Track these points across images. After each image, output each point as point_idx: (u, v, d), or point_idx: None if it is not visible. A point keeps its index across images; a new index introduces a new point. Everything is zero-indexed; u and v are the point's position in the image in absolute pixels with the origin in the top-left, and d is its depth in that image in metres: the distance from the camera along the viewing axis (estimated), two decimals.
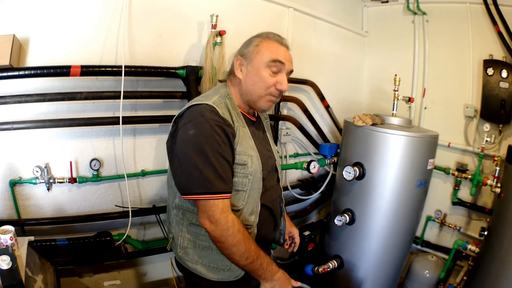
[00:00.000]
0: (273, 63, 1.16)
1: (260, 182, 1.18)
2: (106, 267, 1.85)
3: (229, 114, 1.14)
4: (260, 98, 1.19)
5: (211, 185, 1.04)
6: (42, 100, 1.47)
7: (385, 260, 1.89)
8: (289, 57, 1.22)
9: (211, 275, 1.17)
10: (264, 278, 1.15)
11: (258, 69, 1.17)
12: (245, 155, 1.13)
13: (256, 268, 1.12)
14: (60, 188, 1.64)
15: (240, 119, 1.19)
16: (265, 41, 1.20)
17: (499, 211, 2.03)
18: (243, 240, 1.08)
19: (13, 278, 0.94)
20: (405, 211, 1.83)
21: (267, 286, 1.16)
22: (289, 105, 2.41)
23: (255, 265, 1.11)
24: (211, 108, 1.09)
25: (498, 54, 2.30)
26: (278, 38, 1.22)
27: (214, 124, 1.06)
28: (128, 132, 1.76)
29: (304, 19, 2.43)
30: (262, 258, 1.13)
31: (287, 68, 1.20)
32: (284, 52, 1.20)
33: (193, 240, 1.19)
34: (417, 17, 2.63)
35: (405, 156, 1.74)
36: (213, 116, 1.07)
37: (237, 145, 1.12)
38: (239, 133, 1.14)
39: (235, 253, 1.08)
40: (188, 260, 1.21)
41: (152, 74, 1.73)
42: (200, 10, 1.85)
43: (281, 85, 1.17)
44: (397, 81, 1.93)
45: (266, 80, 1.16)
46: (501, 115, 2.25)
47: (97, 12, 1.60)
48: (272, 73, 1.17)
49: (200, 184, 1.04)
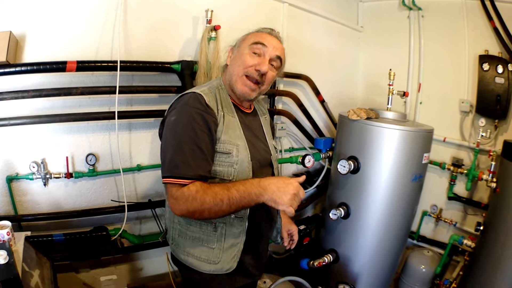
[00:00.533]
0: (255, 44, 1.19)
1: (249, 172, 1.17)
2: (103, 262, 1.86)
3: (216, 103, 1.15)
4: (238, 79, 1.20)
5: (176, 169, 1.04)
6: (39, 95, 1.48)
7: (381, 254, 1.90)
8: (276, 44, 1.22)
9: (203, 268, 1.18)
10: (257, 196, 1.04)
11: (241, 51, 1.21)
12: (230, 144, 1.14)
13: (239, 198, 1.03)
14: (56, 183, 1.65)
15: (229, 108, 1.20)
16: (255, 32, 1.26)
17: (494, 206, 2.04)
18: (205, 192, 1.02)
19: (10, 273, 0.95)
20: (400, 205, 1.84)
21: (267, 198, 1.04)
22: (284, 100, 2.42)
23: (235, 197, 1.02)
24: (196, 96, 1.11)
25: (494, 49, 2.30)
26: (268, 30, 1.26)
27: (194, 112, 1.08)
28: (123, 127, 1.77)
29: (299, 14, 2.43)
30: (235, 185, 1.04)
31: (271, 53, 1.19)
32: (270, 39, 1.21)
33: (184, 232, 1.21)
34: (413, 12, 2.63)
35: (399, 150, 1.75)
36: (196, 104, 1.09)
37: (222, 134, 1.13)
38: (225, 122, 1.15)
39: (210, 207, 1.01)
40: (180, 252, 1.22)
41: (147, 69, 1.73)
42: (195, 5, 1.86)
43: (259, 65, 1.17)
44: (391, 75, 1.93)
45: (245, 59, 1.18)
46: (496, 110, 2.26)
47: (93, 7, 1.60)
48: (254, 54, 1.18)
49: (168, 167, 1.05)
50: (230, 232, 1.17)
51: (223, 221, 1.16)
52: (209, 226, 1.17)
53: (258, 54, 1.19)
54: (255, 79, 1.18)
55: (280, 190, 1.03)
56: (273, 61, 1.21)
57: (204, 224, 1.17)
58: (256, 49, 1.18)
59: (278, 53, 1.21)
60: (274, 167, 1.35)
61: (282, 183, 1.04)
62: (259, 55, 1.19)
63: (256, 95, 1.24)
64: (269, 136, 1.38)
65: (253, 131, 1.27)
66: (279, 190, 1.03)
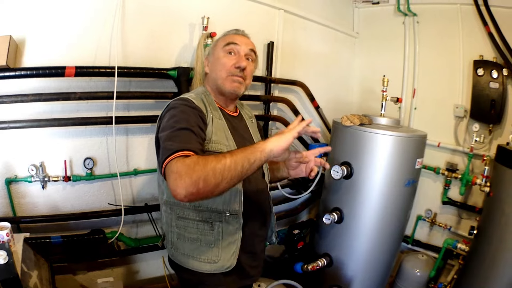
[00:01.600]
0: (227, 46, 1.28)
1: None
2: (100, 265, 1.88)
3: (204, 106, 1.21)
4: (224, 80, 1.27)
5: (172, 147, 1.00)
6: (38, 100, 1.51)
7: (374, 258, 1.91)
8: (246, 40, 1.33)
9: (203, 268, 1.20)
10: (259, 150, 0.98)
11: (217, 56, 1.30)
12: (221, 144, 1.18)
13: (242, 161, 0.95)
14: (54, 186, 1.67)
15: (216, 112, 1.25)
16: (222, 36, 1.36)
17: (488, 210, 2.05)
18: (208, 161, 0.94)
19: (10, 273, 0.96)
20: (393, 210, 1.85)
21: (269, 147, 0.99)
22: (279, 106, 2.44)
23: (240, 160, 0.95)
24: (186, 98, 1.19)
25: (489, 54, 2.32)
26: (234, 30, 1.36)
27: (184, 107, 1.14)
28: (121, 131, 1.80)
29: (295, 20, 2.46)
30: (235, 152, 0.98)
31: (243, 50, 1.29)
32: (239, 37, 1.32)
33: (182, 234, 1.23)
34: (408, 18, 2.66)
35: (392, 155, 1.76)
36: (186, 103, 1.16)
37: (212, 134, 1.17)
38: (213, 124, 1.20)
39: (217, 175, 0.92)
40: (179, 255, 1.24)
41: (144, 75, 1.76)
42: (192, 12, 1.89)
43: (238, 62, 1.26)
44: (385, 81, 1.95)
45: (224, 62, 1.27)
46: (491, 115, 2.28)
47: (91, 13, 1.63)
48: (229, 54, 1.27)
49: (164, 152, 1.01)
50: (227, 229, 1.20)
51: (219, 219, 1.19)
52: (206, 225, 1.19)
53: (234, 53, 1.28)
54: (239, 75, 1.27)
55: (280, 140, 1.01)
56: (248, 55, 1.30)
57: (201, 224, 1.20)
58: (230, 49, 1.28)
59: (250, 47, 1.31)
60: (263, 166, 1.38)
61: (278, 136, 1.03)
62: (235, 54, 1.28)
63: (244, 90, 1.33)
64: (257, 137, 1.43)
65: (240, 133, 1.32)
66: (278, 140, 1.01)
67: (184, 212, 1.21)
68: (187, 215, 1.21)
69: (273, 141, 1.01)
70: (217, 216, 1.19)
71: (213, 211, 1.19)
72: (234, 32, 1.35)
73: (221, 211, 1.19)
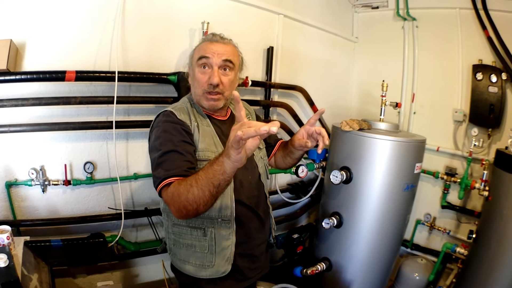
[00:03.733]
0: (200, 60, 1.22)
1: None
2: (99, 268, 1.88)
3: (188, 116, 1.22)
4: (200, 97, 1.25)
5: (160, 176, 1.08)
6: (38, 104, 1.51)
7: (373, 262, 1.91)
8: (219, 49, 1.22)
9: (199, 273, 1.22)
10: (222, 162, 0.91)
11: (193, 70, 1.27)
12: (208, 151, 1.19)
13: (204, 176, 0.95)
14: (54, 190, 1.68)
15: (202, 120, 1.26)
16: (199, 44, 1.30)
17: (487, 214, 2.06)
18: (179, 185, 1.01)
19: (10, 276, 0.96)
20: (392, 214, 1.86)
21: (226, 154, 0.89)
22: (278, 111, 2.45)
23: (201, 176, 0.96)
24: (168, 113, 1.20)
25: (488, 59, 2.33)
26: (210, 36, 1.28)
27: (168, 126, 1.16)
28: (121, 136, 1.80)
29: (294, 25, 2.47)
30: (200, 177, 0.96)
31: (216, 61, 1.21)
32: (212, 46, 1.22)
33: (178, 240, 1.26)
34: (407, 22, 2.67)
35: (391, 160, 1.77)
36: (168, 118, 1.18)
37: (199, 142, 1.19)
38: (200, 131, 1.21)
39: (186, 197, 0.97)
40: (177, 260, 1.28)
41: (144, 80, 1.77)
42: (192, 17, 1.90)
43: (211, 79, 1.20)
44: (384, 86, 1.96)
45: (199, 78, 1.23)
46: (490, 120, 2.29)
47: (92, 18, 1.64)
48: (204, 69, 1.22)
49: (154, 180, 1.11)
50: (220, 235, 1.21)
51: (211, 225, 1.21)
52: (199, 231, 1.21)
53: (208, 67, 1.22)
54: (213, 91, 1.22)
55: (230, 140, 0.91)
56: (222, 67, 1.23)
57: (195, 230, 1.22)
58: (203, 63, 1.22)
59: (224, 57, 1.22)
60: (258, 166, 1.37)
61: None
62: (209, 67, 1.22)
63: (225, 102, 1.28)
64: None
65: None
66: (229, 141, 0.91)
67: (179, 220, 1.23)
68: (181, 222, 1.24)
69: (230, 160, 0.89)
70: (210, 222, 1.21)
71: (205, 217, 1.20)
72: (209, 39, 1.27)
73: (213, 217, 1.21)
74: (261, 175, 1.38)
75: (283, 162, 1.52)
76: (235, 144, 0.82)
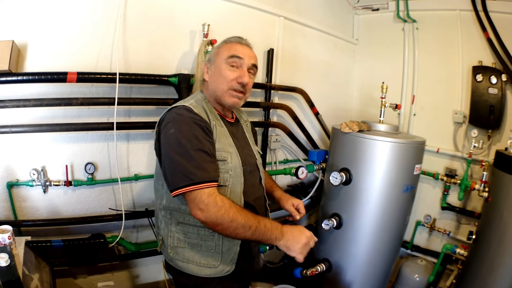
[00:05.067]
0: (231, 58, 1.25)
1: (241, 177, 1.23)
2: (100, 269, 1.89)
3: (206, 114, 1.21)
4: (224, 93, 1.26)
5: (194, 176, 1.08)
6: (40, 105, 1.51)
7: (373, 263, 1.92)
8: (249, 53, 1.29)
9: (203, 272, 1.22)
10: (275, 238, 1.14)
11: (219, 67, 1.27)
12: (224, 152, 1.20)
13: (263, 232, 1.12)
14: (56, 190, 1.68)
15: (217, 120, 1.26)
16: (225, 43, 1.32)
17: (486, 215, 2.06)
18: (238, 212, 1.09)
19: (11, 275, 0.97)
20: (392, 215, 1.86)
21: (282, 243, 1.15)
22: (279, 112, 2.45)
23: (261, 230, 1.11)
24: (187, 108, 1.17)
25: (488, 60, 2.34)
26: (237, 39, 1.32)
27: (191, 120, 1.14)
28: (122, 137, 1.81)
29: (295, 27, 2.48)
30: (264, 220, 1.14)
31: (247, 63, 1.27)
32: (242, 49, 1.28)
33: (182, 239, 1.24)
34: (407, 24, 2.68)
35: (391, 162, 1.78)
36: (189, 114, 1.15)
37: (216, 142, 1.19)
38: (216, 131, 1.21)
39: (237, 227, 1.08)
40: (179, 259, 1.26)
41: (145, 82, 1.77)
42: (193, 19, 1.91)
43: (241, 78, 1.24)
44: (384, 88, 1.97)
45: (226, 75, 1.24)
46: (490, 121, 2.29)
47: (93, 20, 1.65)
48: (232, 67, 1.25)
49: (184, 177, 1.09)
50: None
51: None
52: (207, 231, 1.21)
53: (236, 66, 1.25)
54: (240, 90, 1.26)
55: (295, 239, 1.16)
56: (250, 69, 1.29)
57: (202, 229, 1.21)
58: (233, 63, 1.25)
59: (253, 62, 1.29)
60: (260, 171, 1.40)
61: (297, 232, 1.18)
62: (237, 67, 1.26)
63: (243, 103, 1.32)
64: (252, 142, 1.43)
65: (239, 139, 1.34)
66: (294, 238, 1.16)
67: (185, 218, 1.23)
68: (187, 221, 1.23)
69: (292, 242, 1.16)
70: None
71: None
72: (237, 40, 1.31)
73: None
74: (262, 179, 1.41)
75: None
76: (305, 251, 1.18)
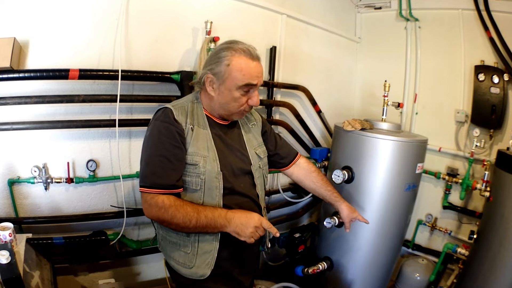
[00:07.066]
0: (246, 87, 1.20)
1: (219, 182, 1.21)
2: (101, 266, 1.89)
3: (185, 118, 1.22)
4: (233, 114, 1.28)
5: (147, 179, 1.16)
6: (41, 102, 1.51)
7: (374, 262, 1.92)
8: (260, 70, 1.23)
9: (181, 271, 1.25)
10: (222, 226, 1.15)
11: (230, 90, 1.20)
12: (197, 156, 1.20)
13: (205, 223, 1.13)
14: (57, 188, 1.68)
15: (201, 121, 1.25)
16: (235, 58, 1.17)
17: (488, 215, 2.06)
18: (177, 209, 1.12)
19: (12, 272, 0.97)
20: (393, 214, 1.86)
21: (231, 230, 1.15)
22: (281, 110, 2.45)
23: (202, 221, 1.12)
24: (166, 111, 1.21)
25: (490, 59, 2.32)
26: (248, 52, 1.19)
27: (162, 126, 1.18)
28: (124, 134, 1.81)
29: (297, 25, 2.48)
30: (205, 211, 1.14)
31: (258, 85, 1.24)
32: (255, 69, 1.20)
33: (165, 236, 1.29)
34: (410, 23, 2.67)
35: (393, 160, 1.78)
36: (165, 118, 1.19)
37: (189, 146, 1.20)
38: (193, 134, 1.21)
39: (178, 223, 1.12)
40: (165, 255, 1.32)
41: (147, 79, 1.77)
42: (195, 16, 1.90)
43: (252, 101, 1.25)
44: (386, 86, 1.97)
45: (239, 101, 1.23)
46: (492, 120, 2.28)
47: (96, 17, 1.64)
48: (245, 92, 1.22)
49: (141, 178, 1.18)
50: (203, 238, 1.22)
51: None
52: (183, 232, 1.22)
53: (248, 91, 1.22)
54: (248, 110, 1.29)
55: (243, 224, 1.14)
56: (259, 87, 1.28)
57: None
58: (247, 89, 1.21)
59: (262, 79, 1.25)
60: (255, 176, 1.33)
61: (244, 218, 1.15)
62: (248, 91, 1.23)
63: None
64: (251, 145, 1.38)
65: (228, 142, 1.30)
66: (242, 224, 1.14)
67: None
68: None
69: (241, 227, 1.14)
70: None
71: None
72: (248, 55, 1.18)
73: None
74: (256, 185, 1.34)
75: (307, 186, 1.62)
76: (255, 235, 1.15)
